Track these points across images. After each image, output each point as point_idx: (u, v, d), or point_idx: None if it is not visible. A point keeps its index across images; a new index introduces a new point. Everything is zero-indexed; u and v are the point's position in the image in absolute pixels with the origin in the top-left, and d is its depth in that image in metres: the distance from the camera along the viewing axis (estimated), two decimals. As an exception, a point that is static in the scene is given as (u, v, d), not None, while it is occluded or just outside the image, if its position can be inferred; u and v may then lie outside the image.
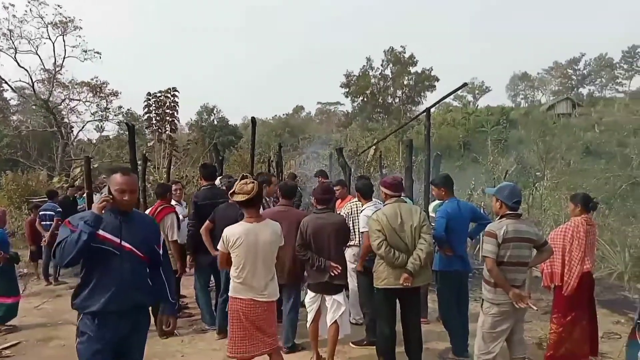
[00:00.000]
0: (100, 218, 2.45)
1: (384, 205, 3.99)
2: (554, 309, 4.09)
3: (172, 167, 19.02)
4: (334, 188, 5.92)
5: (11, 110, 40.12)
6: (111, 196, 2.56)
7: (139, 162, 9.78)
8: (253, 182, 3.31)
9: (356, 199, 4.95)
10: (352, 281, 4.77)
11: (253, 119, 9.09)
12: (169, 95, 24.50)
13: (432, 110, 8.78)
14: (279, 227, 3.48)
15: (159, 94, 24.48)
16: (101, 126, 34.44)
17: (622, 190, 19.94)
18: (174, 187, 5.90)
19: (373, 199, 4.87)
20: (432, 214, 5.07)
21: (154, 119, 24.56)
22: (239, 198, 3.27)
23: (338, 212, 5.06)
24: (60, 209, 8.38)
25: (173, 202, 5.68)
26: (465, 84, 8.35)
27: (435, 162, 8.85)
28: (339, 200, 5.88)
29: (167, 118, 24.50)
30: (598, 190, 17.30)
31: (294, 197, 4.56)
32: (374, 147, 16.38)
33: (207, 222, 4.72)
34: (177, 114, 24.95)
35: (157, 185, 6.06)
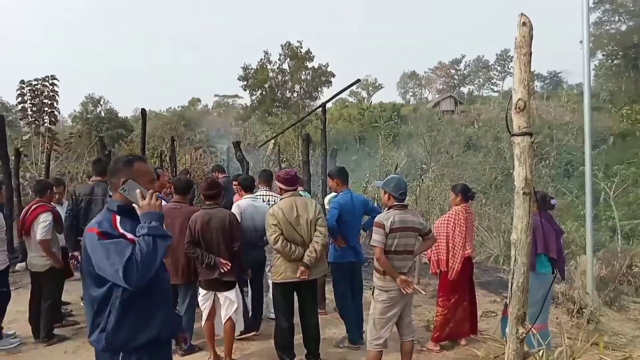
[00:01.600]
0: (163, 216, 2.00)
1: (280, 200, 4.01)
2: (439, 292, 4.44)
3: (52, 162, 17.38)
4: (233, 183, 5.85)
5: None
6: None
7: (11, 157, 8.85)
8: None
9: (262, 190, 5.03)
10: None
11: (143, 111, 8.64)
12: (46, 83, 22.19)
13: (329, 105, 9.02)
14: None
15: (34, 82, 22.07)
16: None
17: (497, 181, 22.09)
18: (54, 188, 5.23)
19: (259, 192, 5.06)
20: (327, 207, 5.22)
21: (29, 109, 22.13)
22: None
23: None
24: None
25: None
26: (358, 80, 8.67)
27: (331, 156, 9.11)
28: (237, 195, 5.81)
29: (46, 109, 22.20)
30: (477, 182, 18.96)
31: (188, 193, 4.42)
32: (272, 141, 16.39)
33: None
34: (57, 104, 22.71)
35: (35, 182, 5.37)
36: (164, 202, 4.39)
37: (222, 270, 3.85)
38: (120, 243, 1.87)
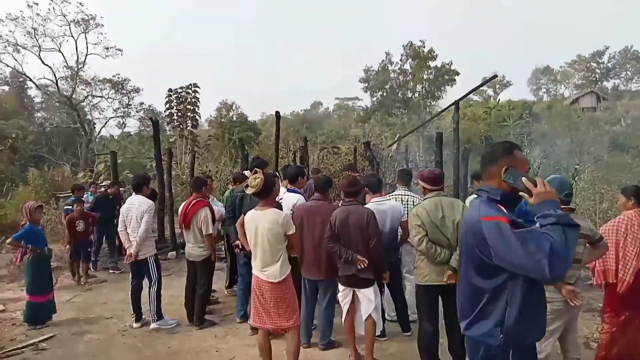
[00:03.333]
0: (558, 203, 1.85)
1: (423, 199, 3.87)
2: (605, 307, 3.89)
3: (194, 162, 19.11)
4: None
5: (36, 108, 41.08)
6: None
7: (164, 157, 9.90)
8: (260, 177, 3.57)
9: (400, 189, 4.92)
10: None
11: (277, 113, 9.06)
12: (189, 91, 24.72)
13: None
14: (281, 216, 3.58)
15: (180, 90, 24.69)
16: (123, 123, 34.84)
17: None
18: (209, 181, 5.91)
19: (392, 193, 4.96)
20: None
21: (175, 114, 24.81)
22: (249, 190, 3.61)
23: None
24: (87, 202, 8.48)
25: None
26: (495, 76, 8.19)
27: (463, 156, 8.66)
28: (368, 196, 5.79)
29: (189, 114, 24.71)
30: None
31: (328, 190, 4.47)
32: (391, 143, 16.17)
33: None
34: (198, 109, 25.17)
35: (194, 179, 6.02)
36: (301, 200, 4.52)
37: (360, 267, 3.83)
38: (534, 232, 1.73)
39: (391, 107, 48.55)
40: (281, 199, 4.64)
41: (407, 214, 4.52)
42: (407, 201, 4.72)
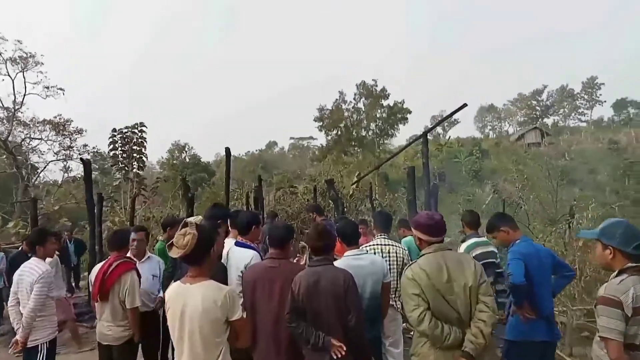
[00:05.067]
0: None
1: (419, 257, 2.89)
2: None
3: (140, 207, 17.54)
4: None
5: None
6: None
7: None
8: (191, 233, 2.49)
9: (380, 238, 3.91)
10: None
11: (227, 150, 8.05)
12: (135, 130, 23.13)
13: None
14: (220, 293, 2.50)
15: (125, 130, 23.11)
16: (66, 166, 32.63)
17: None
18: (132, 235, 4.39)
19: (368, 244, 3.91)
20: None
21: (120, 156, 23.12)
22: (173, 253, 2.51)
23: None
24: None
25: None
26: (465, 105, 7.57)
27: (432, 192, 7.88)
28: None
29: (134, 155, 23.06)
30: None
31: (289, 243, 3.29)
32: (354, 182, 15.37)
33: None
34: (145, 150, 23.57)
35: (112, 233, 4.42)
36: (255, 258, 3.41)
37: (335, 356, 2.74)
38: None
39: (346, 146, 48.49)
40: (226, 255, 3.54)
41: (390, 271, 3.52)
42: (390, 253, 3.75)
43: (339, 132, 49.20)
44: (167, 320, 2.55)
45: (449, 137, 65.22)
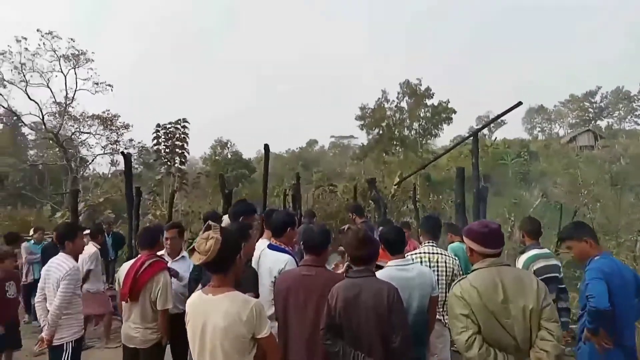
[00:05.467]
0: None
1: (471, 271, 2.50)
2: None
3: (180, 201, 17.70)
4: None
5: (29, 145, 40.05)
6: None
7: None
8: (214, 237, 2.18)
9: (427, 245, 3.53)
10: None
11: (266, 147, 7.84)
12: (178, 126, 23.51)
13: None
14: (247, 307, 2.18)
15: (168, 126, 23.54)
16: (114, 160, 33.72)
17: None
18: (165, 234, 4.12)
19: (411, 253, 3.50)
20: None
21: (163, 151, 23.58)
22: (195, 259, 2.20)
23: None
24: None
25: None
26: (520, 103, 7.06)
27: (481, 196, 7.38)
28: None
29: (177, 150, 23.45)
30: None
31: (326, 249, 2.92)
32: (396, 182, 14.90)
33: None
34: (187, 145, 23.92)
35: (142, 230, 4.24)
36: (290, 264, 3.11)
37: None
38: None
39: (388, 145, 47.75)
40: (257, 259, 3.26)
41: (438, 282, 3.15)
42: (438, 263, 3.37)
43: (381, 131, 48.54)
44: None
45: (495, 138, 63.22)
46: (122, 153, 9.26)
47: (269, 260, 3.17)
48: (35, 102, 28.42)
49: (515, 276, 2.37)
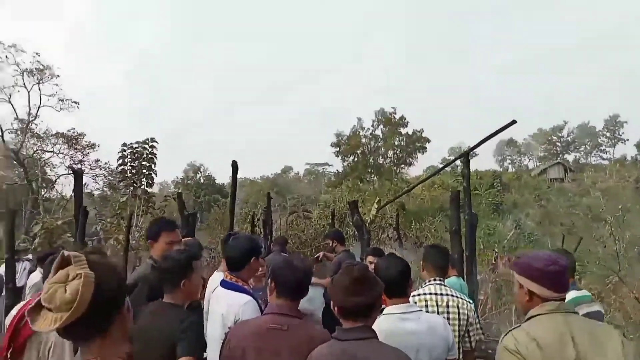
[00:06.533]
0: None
1: (527, 319, 1.79)
2: None
3: (144, 225, 16.47)
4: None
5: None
6: None
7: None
8: (81, 275, 1.18)
9: (434, 284, 2.72)
10: None
11: (234, 163, 6.99)
12: (146, 146, 22.40)
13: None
14: None
15: (135, 145, 22.40)
16: (83, 182, 32.05)
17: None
18: None
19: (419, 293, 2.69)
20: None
21: (128, 172, 22.35)
22: (42, 326, 1.16)
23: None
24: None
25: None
26: (514, 122, 6.52)
27: (472, 223, 6.67)
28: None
29: (144, 171, 22.25)
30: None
31: (303, 293, 2.08)
32: (375, 206, 14.17)
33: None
34: (155, 166, 22.79)
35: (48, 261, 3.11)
36: (251, 309, 2.21)
37: None
38: None
39: (363, 173, 47.53)
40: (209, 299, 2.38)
41: (453, 333, 2.34)
42: (449, 308, 2.55)
43: (356, 159, 48.39)
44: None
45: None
46: (72, 168, 8.26)
47: (222, 304, 2.29)
48: (-6, 118, 26.96)
49: (589, 329, 1.70)
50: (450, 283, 4.12)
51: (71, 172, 29.95)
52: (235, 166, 7.04)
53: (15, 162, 27.46)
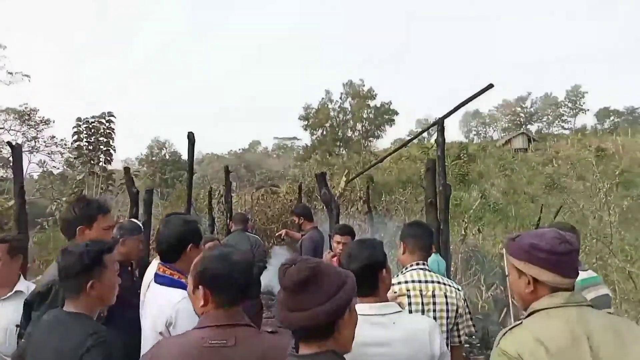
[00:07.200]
0: None
1: (527, 315, 1.43)
2: None
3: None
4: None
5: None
6: None
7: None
8: None
9: (416, 269, 2.26)
10: None
11: (190, 135, 6.37)
12: (103, 121, 21.21)
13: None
14: None
15: (91, 120, 21.18)
16: (41, 161, 30.29)
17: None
18: None
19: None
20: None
21: (85, 147, 21.16)
22: None
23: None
24: None
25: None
26: (491, 85, 6.10)
27: (446, 195, 6.30)
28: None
29: (101, 147, 21.13)
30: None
31: (251, 290, 1.52)
32: (343, 179, 13.75)
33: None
34: (113, 142, 21.71)
35: None
36: (186, 311, 1.70)
37: None
38: None
39: (331, 146, 47.05)
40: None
41: (441, 329, 1.93)
42: (435, 299, 2.11)
43: (324, 132, 47.79)
44: None
45: (434, 140, 64.26)
46: (9, 143, 7.46)
47: (152, 303, 1.80)
48: None
49: (611, 328, 1.32)
50: (429, 261, 3.74)
51: (28, 151, 28.42)
52: (191, 138, 6.42)
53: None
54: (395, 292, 2.05)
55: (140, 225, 3.13)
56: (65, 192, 18.20)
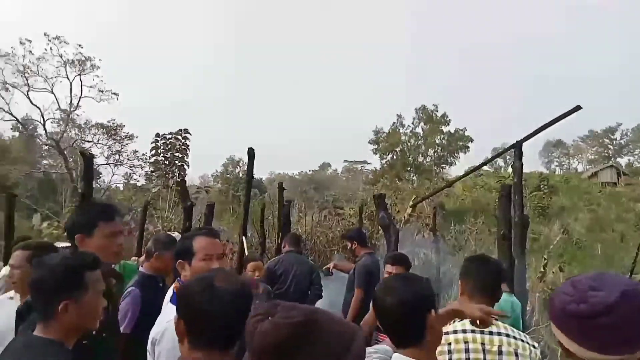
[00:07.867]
0: None
1: None
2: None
3: (175, 215, 16.23)
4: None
5: (43, 154, 39.29)
6: None
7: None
8: None
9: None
10: None
11: (250, 151, 6.23)
12: (179, 137, 22.23)
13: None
14: None
15: (168, 136, 22.27)
16: (128, 174, 32.42)
17: None
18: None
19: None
20: None
21: (161, 162, 22.25)
22: None
23: None
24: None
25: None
26: (579, 107, 5.50)
27: (523, 226, 5.63)
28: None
29: (176, 162, 22.10)
30: None
31: (235, 339, 1.14)
32: (412, 204, 13.12)
33: None
34: (187, 157, 22.64)
35: None
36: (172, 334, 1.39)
37: None
38: None
39: (401, 171, 46.12)
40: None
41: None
42: (504, 356, 1.65)
43: (395, 157, 47.02)
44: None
45: (511, 170, 61.11)
46: (81, 152, 7.80)
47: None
48: (37, 107, 27.56)
49: None
50: (501, 302, 3.21)
51: (113, 163, 30.34)
52: (251, 153, 6.29)
53: (56, 150, 28.09)
54: (449, 344, 1.61)
55: (177, 239, 2.93)
56: (140, 203, 19.11)
